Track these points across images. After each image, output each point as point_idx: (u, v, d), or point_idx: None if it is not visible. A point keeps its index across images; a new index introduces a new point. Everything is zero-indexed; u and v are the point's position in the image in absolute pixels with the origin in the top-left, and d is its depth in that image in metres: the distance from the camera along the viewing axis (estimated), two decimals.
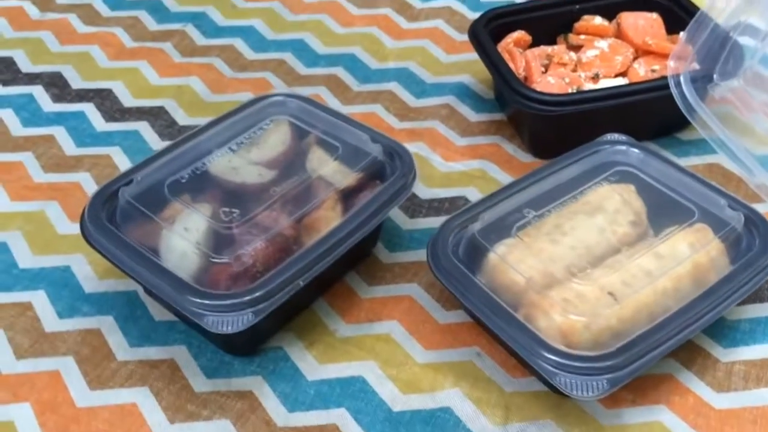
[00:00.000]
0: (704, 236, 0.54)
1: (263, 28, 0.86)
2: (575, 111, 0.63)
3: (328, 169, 0.57)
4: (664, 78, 0.65)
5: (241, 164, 0.57)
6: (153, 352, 0.55)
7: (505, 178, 0.68)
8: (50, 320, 0.57)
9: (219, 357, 0.55)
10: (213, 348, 0.55)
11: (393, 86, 0.79)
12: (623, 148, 0.60)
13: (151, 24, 0.86)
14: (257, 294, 0.48)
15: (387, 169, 0.57)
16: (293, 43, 0.84)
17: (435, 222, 0.65)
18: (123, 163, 0.70)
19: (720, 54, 0.67)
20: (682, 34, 0.73)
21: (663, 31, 0.72)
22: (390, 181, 0.56)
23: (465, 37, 0.84)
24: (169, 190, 0.55)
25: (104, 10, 0.89)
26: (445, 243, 0.54)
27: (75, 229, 0.57)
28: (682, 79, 0.64)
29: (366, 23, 0.87)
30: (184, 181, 0.56)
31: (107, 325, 0.57)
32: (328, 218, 0.54)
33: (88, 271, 0.61)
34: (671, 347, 0.49)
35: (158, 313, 0.58)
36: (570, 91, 0.66)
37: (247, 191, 0.55)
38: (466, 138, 0.73)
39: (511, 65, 0.69)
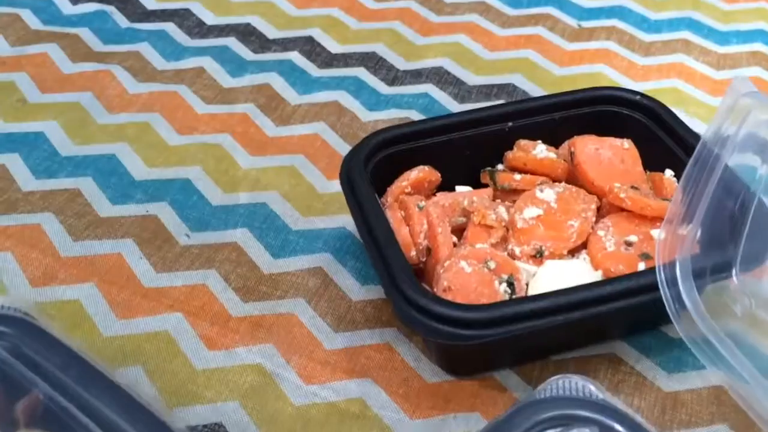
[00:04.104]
0: None
1: (59, 137, 0.58)
2: (504, 336, 0.37)
3: None
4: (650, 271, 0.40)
5: None
6: None
7: (396, 420, 0.42)
8: None
9: None
10: None
11: (241, 236, 0.52)
12: (582, 428, 0.34)
13: None
14: None
15: None
16: (99, 162, 0.56)
17: None
18: None
19: (740, 223, 0.42)
20: (669, 175, 0.48)
21: (639, 167, 0.47)
22: None
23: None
24: None
25: None
26: None
27: None
28: (678, 272, 0.39)
29: (216, 127, 0.60)
30: None
31: None
32: None
33: None
34: None
35: None
36: (497, 284, 0.41)
37: None
38: (341, 333, 0.46)
39: (403, 231, 0.43)
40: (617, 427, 0.33)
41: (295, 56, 0.68)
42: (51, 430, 0.31)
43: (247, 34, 0.70)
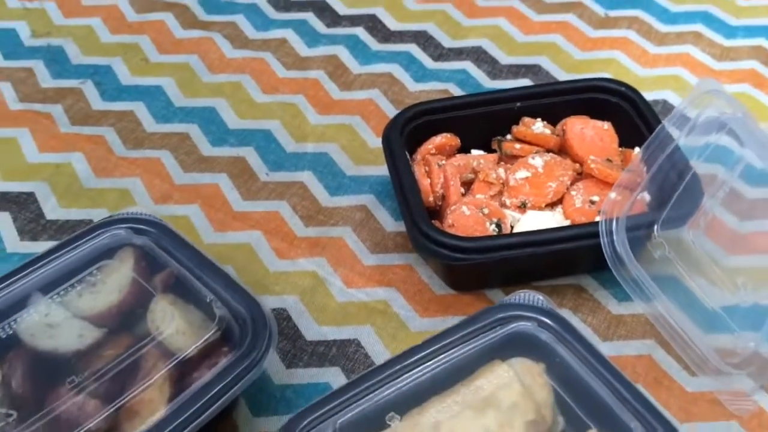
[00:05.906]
0: None
1: (173, 90, 0.76)
2: (485, 260, 0.52)
3: (170, 331, 0.47)
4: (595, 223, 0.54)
5: (62, 319, 0.47)
6: None
7: (409, 316, 0.58)
8: None
9: None
10: None
11: (306, 177, 0.68)
12: (527, 323, 0.48)
13: (45, 79, 0.76)
14: None
15: (241, 332, 0.47)
16: (203, 112, 0.74)
17: (316, 375, 0.55)
18: None
19: (674, 189, 0.55)
20: (637, 151, 0.61)
21: (615, 145, 0.61)
22: (233, 359, 0.45)
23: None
24: None
25: None
26: None
27: None
28: (615, 225, 0.52)
29: (293, 89, 0.76)
30: None
31: None
32: (153, 402, 0.44)
33: None
34: None
35: None
36: (487, 224, 0.55)
37: (55, 364, 0.45)
38: (376, 255, 0.62)
39: (425, 182, 0.58)
40: (549, 322, 0.48)
41: (360, 31, 0.82)
42: (178, 295, 0.48)
43: (323, 9, 0.85)
